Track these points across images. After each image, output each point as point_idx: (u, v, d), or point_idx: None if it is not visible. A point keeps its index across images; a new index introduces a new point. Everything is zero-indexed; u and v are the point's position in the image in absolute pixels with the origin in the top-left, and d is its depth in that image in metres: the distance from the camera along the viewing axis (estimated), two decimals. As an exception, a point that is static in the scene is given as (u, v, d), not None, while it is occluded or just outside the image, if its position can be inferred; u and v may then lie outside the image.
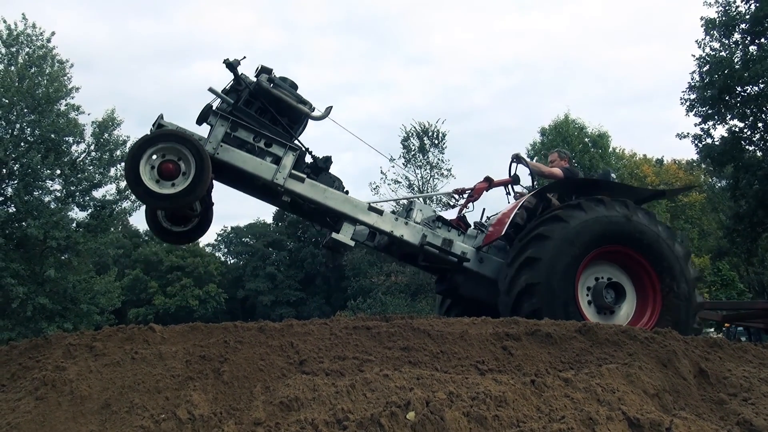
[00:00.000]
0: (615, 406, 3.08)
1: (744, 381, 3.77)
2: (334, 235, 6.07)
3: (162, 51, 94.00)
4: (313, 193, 5.98)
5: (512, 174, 7.16)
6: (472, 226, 6.81)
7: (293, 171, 5.90)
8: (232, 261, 61.69)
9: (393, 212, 6.74)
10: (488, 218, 6.99)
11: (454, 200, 7.18)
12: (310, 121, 6.36)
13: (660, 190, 7.44)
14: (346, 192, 6.24)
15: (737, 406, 3.47)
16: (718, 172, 26.06)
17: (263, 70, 6.18)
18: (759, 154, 20.49)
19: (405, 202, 7.10)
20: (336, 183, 6.24)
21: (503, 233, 6.02)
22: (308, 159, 6.27)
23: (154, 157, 5.35)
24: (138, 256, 52.12)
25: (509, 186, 7.16)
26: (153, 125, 5.91)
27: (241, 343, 3.69)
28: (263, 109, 6.09)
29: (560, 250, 5.65)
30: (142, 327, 3.93)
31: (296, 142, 6.17)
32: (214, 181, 6.04)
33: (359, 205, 6.12)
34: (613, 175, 7.33)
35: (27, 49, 21.59)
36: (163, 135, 5.43)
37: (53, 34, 21.91)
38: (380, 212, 6.16)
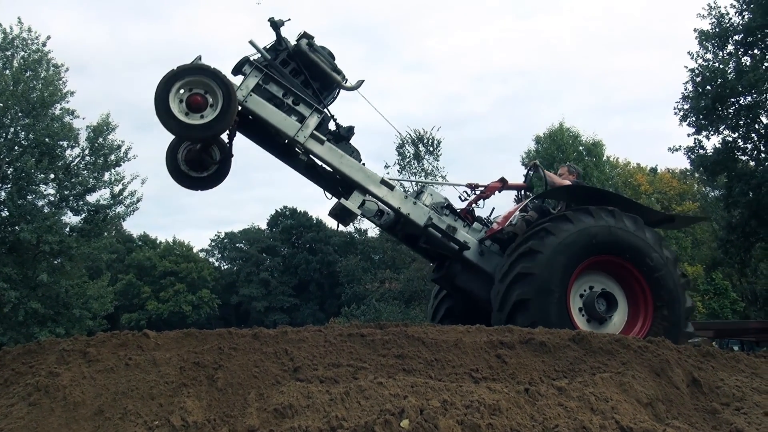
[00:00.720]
0: (608, 415, 3.09)
1: (736, 390, 3.79)
2: (342, 200, 6.15)
3: (158, 55, 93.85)
4: (330, 157, 6.13)
5: (528, 181, 7.22)
6: (479, 223, 6.85)
7: (315, 132, 6.06)
8: (225, 266, 61.52)
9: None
10: (495, 218, 7.06)
11: (465, 195, 7.20)
12: (342, 94, 6.57)
13: (670, 216, 7.36)
14: (363, 164, 6.35)
15: (730, 416, 3.49)
16: (711, 181, 26.16)
17: (305, 36, 6.38)
18: (752, 164, 20.60)
19: (417, 185, 7.19)
20: (354, 153, 6.37)
21: (506, 226, 6.16)
22: (332, 127, 6.42)
23: (182, 91, 5.58)
24: (131, 261, 51.91)
25: (522, 192, 7.20)
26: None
27: (235, 350, 3.69)
28: (297, 70, 6.30)
29: (551, 264, 5.67)
30: (136, 333, 3.92)
31: (323, 106, 6.32)
32: (239, 134, 6.29)
33: (372, 176, 6.26)
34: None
35: (22, 53, 21.51)
36: (188, 69, 5.64)
37: (48, 38, 21.85)
38: (391, 187, 6.30)
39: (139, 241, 57.47)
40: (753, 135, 20.55)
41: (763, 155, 20.49)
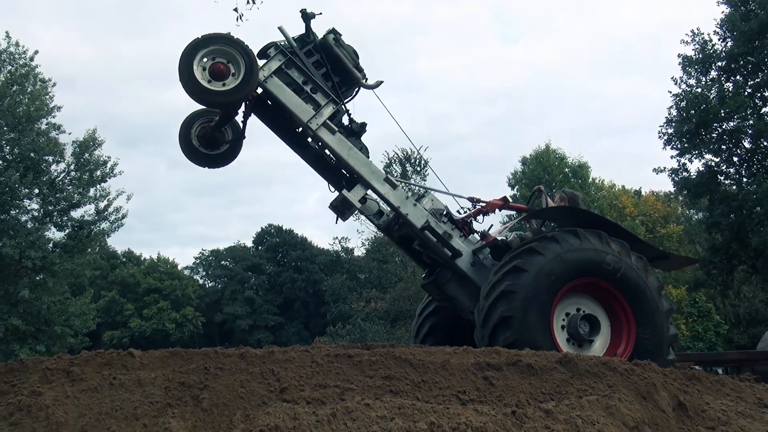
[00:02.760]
0: (595, 439, 3.09)
1: (722, 414, 3.81)
2: (344, 192, 6.21)
3: (147, 72, 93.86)
4: (339, 148, 6.24)
5: (530, 205, 7.30)
6: (476, 235, 6.90)
7: (328, 121, 6.18)
8: (210, 284, 61.09)
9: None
10: (492, 232, 7.11)
11: (465, 210, 7.24)
12: (361, 91, 6.72)
13: (664, 253, 7.38)
14: (370, 160, 6.44)
15: (715, 440, 3.51)
16: (693, 204, 26.44)
17: (333, 32, 6.58)
18: (734, 188, 20.87)
19: (420, 189, 7.26)
20: (363, 149, 6.48)
21: (500, 238, 6.23)
22: (345, 122, 6.55)
23: (205, 59, 5.72)
24: (115, 278, 51.43)
25: (522, 213, 7.26)
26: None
27: (221, 370, 3.66)
28: (320, 63, 6.46)
29: (536, 283, 5.69)
30: (121, 352, 3.88)
31: (340, 99, 6.44)
32: (254, 116, 6.46)
33: (377, 172, 6.36)
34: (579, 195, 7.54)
35: (9, 67, 21.43)
36: (213, 37, 5.76)
37: (36, 52, 21.77)
38: (394, 186, 6.37)
39: (123, 257, 57.01)
40: (735, 159, 20.86)
41: (745, 179, 20.77)
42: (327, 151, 6.51)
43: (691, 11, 73.24)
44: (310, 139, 6.69)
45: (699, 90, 20.51)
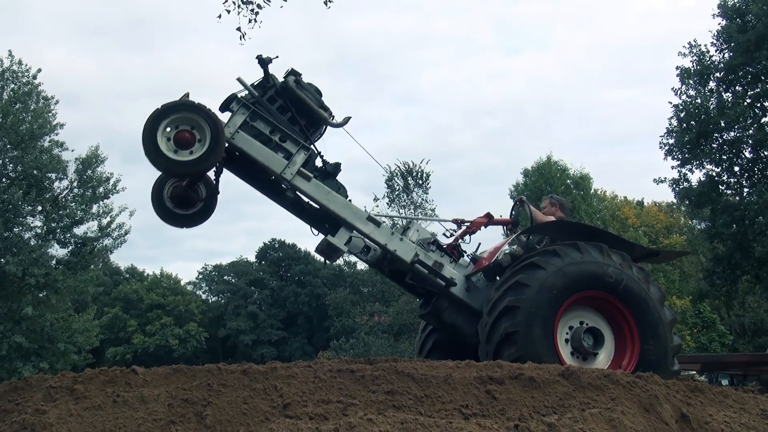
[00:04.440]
0: (598, 452, 3.09)
1: (725, 426, 3.80)
2: (329, 237, 6.16)
3: (150, 87, 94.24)
4: (317, 194, 6.17)
5: (514, 217, 7.25)
6: (466, 257, 6.87)
7: (302, 169, 6.08)
8: (213, 299, 61.00)
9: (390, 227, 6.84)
10: (482, 253, 7.07)
11: (451, 231, 7.23)
12: (328, 129, 6.61)
13: (655, 251, 7.53)
14: (349, 200, 6.37)
15: (718, 452, 3.50)
16: (695, 214, 26.44)
17: (292, 73, 6.43)
18: (736, 198, 20.88)
19: (404, 220, 7.20)
20: (341, 189, 6.40)
21: (493, 261, 6.16)
22: (319, 163, 6.46)
23: (169, 129, 5.58)
24: (118, 294, 51.38)
25: (507, 227, 7.24)
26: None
27: (224, 386, 3.67)
28: (285, 107, 6.33)
29: (539, 297, 5.68)
30: (124, 369, 3.89)
31: (310, 143, 6.35)
32: (226, 170, 6.33)
33: (359, 213, 6.29)
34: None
35: (12, 86, 21.59)
36: (174, 106, 5.64)
37: (39, 70, 21.94)
38: (378, 224, 6.31)
39: (126, 273, 57.00)
40: (736, 169, 20.89)
41: (746, 189, 20.79)
42: (305, 198, 6.39)
43: (693, 22, 73.51)
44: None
45: (698, 100, 20.60)
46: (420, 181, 32.94)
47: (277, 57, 6.34)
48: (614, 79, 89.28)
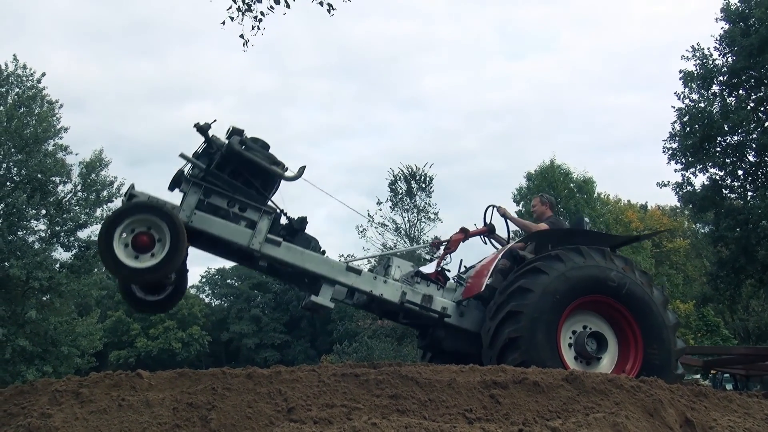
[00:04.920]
0: (602, 457, 3.09)
1: (729, 431, 3.80)
2: (313, 297, 6.01)
3: (154, 92, 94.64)
4: (291, 257, 5.94)
5: (487, 223, 7.12)
6: (451, 279, 6.76)
7: (269, 235, 5.86)
8: (216, 303, 61.05)
9: (371, 270, 6.69)
10: (466, 269, 7.02)
11: (431, 254, 7.19)
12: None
13: (634, 236, 7.64)
14: (323, 252, 6.19)
15: (723, 457, 3.50)
16: (699, 218, 26.40)
17: (234, 132, 6.10)
18: (739, 201, 20.85)
19: (385, 257, 7.03)
20: (312, 243, 6.20)
21: (483, 288, 5.98)
22: (284, 220, 6.20)
23: (124, 235, 5.27)
24: (121, 298, 51.42)
25: (485, 235, 7.13)
26: (124, 196, 5.87)
27: (229, 390, 3.68)
28: (236, 171, 6.01)
29: (542, 302, 5.67)
30: (129, 373, 3.91)
31: (270, 204, 6.12)
32: (190, 247, 5.87)
33: (337, 266, 6.11)
34: (586, 220, 7.33)
35: (17, 90, 21.72)
36: (122, 212, 5.34)
37: (44, 74, 22.08)
38: (358, 272, 6.14)
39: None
40: (740, 173, 20.87)
41: (749, 193, 20.76)
42: (278, 264, 6.15)
43: (697, 26, 73.71)
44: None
45: (702, 104, 20.59)
46: (423, 185, 32.97)
47: (215, 120, 6.05)
48: (618, 84, 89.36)
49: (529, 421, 3.67)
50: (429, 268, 6.75)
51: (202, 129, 5.92)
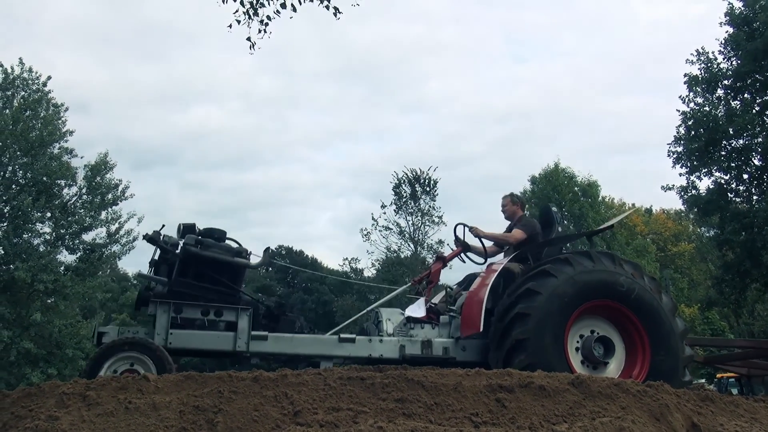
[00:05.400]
0: (609, 461, 3.08)
1: (736, 436, 3.79)
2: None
3: (159, 95, 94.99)
4: (280, 348, 5.89)
5: (461, 241, 6.99)
6: (443, 313, 6.59)
7: (252, 332, 5.77)
8: (220, 306, 61.00)
9: (362, 328, 6.71)
10: (450, 290, 6.93)
11: (413, 292, 7.16)
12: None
13: (608, 225, 7.75)
14: (310, 327, 6.19)
15: (730, 462, 3.48)
16: (704, 221, 26.31)
17: (186, 230, 5.98)
18: (745, 205, 20.76)
19: (374, 311, 6.85)
20: (298, 323, 6.17)
21: (481, 329, 5.84)
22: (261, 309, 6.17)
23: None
24: (125, 300, 51.42)
25: (462, 254, 7.02)
26: (92, 337, 5.78)
27: (235, 394, 3.69)
28: (199, 273, 5.85)
29: (550, 305, 5.68)
30: (136, 376, 3.92)
31: (245, 297, 6.05)
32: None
33: (329, 342, 6.06)
34: (554, 209, 7.19)
35: (22, 93, 21.77)
36: (98, 357, 5.22)
37: (49, 78, 22.11)
38: (352, 341, 6.08)
39: (134, 280, 57.08)
40: (745, 177, 20.79)
41: (755, 197, 20.69)
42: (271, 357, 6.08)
43: (702, 30, 73.65)
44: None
45: (707, 108, 20.54)
46: (427, 188, 32.98)
47: (163, 226, 5.95)
48: (623, 87, 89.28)
49: (535, 425, 3.66)
50: (417, 310, 6.62)
51: (153, 239, 5.80)
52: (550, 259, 6.12)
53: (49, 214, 21.27)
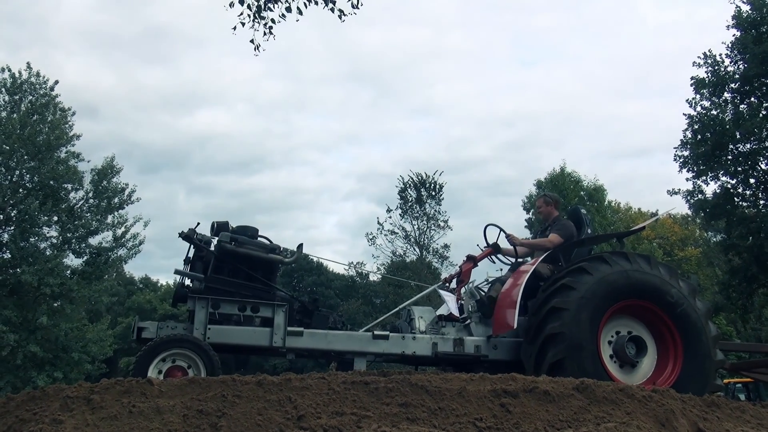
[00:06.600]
0: (614, 467, 3.07)
1: (742, 442, 3.76)
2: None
3: (166, 99, 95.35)
4: (316, 343, 5.94)
5: (492, 243, 7.02)
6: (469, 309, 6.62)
7: (289, 328, 5.83)
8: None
9: (395, 325, 6.71)
10: (481, 285, 6.95)
11: (446, 287, 7.19)
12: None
13: (634, 229, 8.10)
14: (343, 323, 6.25)
15: (736, 468, 3.46)
16: (711, 226, 26.20)
17: (219, 228, 6.04)
18: (752, 209, 20.66)
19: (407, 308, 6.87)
20: (332, 318, 6.22)
21: (515, 326, 5.87)
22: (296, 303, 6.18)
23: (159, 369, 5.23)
24: (131, 304, 51.60)
25: (492, 256, 7.06)
26: (132, 335, 5.80)
27: (239, 398, 3.68)
28: (235, 270, 5.92)
29: (585, 301, 5.72)
30: (140, 380, 3.92)
31: (280, 294, 6.08)
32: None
33: (364, 338, 6.10)
34: (583, 211, 7.23)
35: (30, 97, 21.90)
36: (144, 357, 5.22)
37: (57, 82, 22.25)
38: (386, 337, 6.12)
39: (140, 283, 57.28)
40: (752, 181, 20.70)
41: (762, 201, 20.59)
42: (306, 352, 6.14)
43: (710, 34, 73.52)
44: None
45: (714, 112, 20.46)
46: (433, 193, 32.97)
47: (198, 224, 6.02)
48: (629, 91, 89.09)
49: (540, 431, 3.65)
50: (450, 307, 6.68)
51: (188, 237, 5.87)
52: (566, 271, 6.09)
53: (55, 218, 21.36)
